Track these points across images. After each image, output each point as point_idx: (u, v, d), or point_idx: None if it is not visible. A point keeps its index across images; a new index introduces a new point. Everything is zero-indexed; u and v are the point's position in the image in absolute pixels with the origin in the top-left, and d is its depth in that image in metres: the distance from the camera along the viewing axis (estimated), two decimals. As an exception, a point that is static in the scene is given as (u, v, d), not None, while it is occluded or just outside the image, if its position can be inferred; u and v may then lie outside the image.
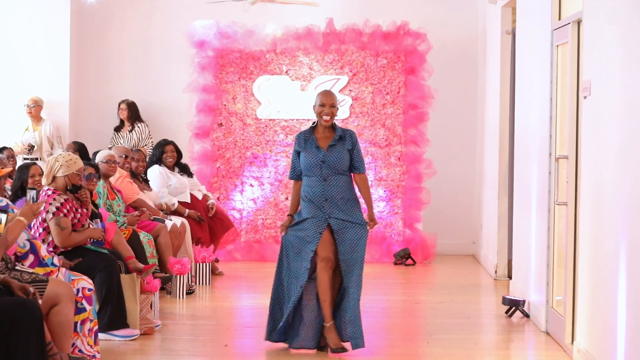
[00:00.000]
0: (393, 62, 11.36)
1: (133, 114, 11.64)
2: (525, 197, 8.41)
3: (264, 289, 9.34)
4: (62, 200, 6.90)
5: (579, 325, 6.49)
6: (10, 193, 7.39)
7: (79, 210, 7.04)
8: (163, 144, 10.05)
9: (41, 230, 6.90)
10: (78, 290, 5.89)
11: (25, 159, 10.51)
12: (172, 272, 8.48)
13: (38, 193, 5.75)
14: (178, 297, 8.58)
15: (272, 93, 11.40)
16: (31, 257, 5.91)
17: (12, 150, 9.69)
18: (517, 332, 7.61)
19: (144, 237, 8.28)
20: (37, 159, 10.75)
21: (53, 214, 6.86)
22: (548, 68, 7.49)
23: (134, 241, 7.89)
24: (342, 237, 6.57)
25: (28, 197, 5.68)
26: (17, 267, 5.65)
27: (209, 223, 10.04)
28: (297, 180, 6.75)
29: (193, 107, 11.39)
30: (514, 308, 7.94)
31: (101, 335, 6.49)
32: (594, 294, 6.14)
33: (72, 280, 5.96)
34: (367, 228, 6.64)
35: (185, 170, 10.22)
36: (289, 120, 11.43)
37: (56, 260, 6.07)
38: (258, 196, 11.40)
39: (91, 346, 5.92)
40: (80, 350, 5.86)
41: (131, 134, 11.58)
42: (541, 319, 7.50)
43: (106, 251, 7.11)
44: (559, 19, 7.35)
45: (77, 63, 11.89)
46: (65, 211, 6.90)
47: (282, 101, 11.40)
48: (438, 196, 11.59)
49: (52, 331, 5.44)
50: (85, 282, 5.99)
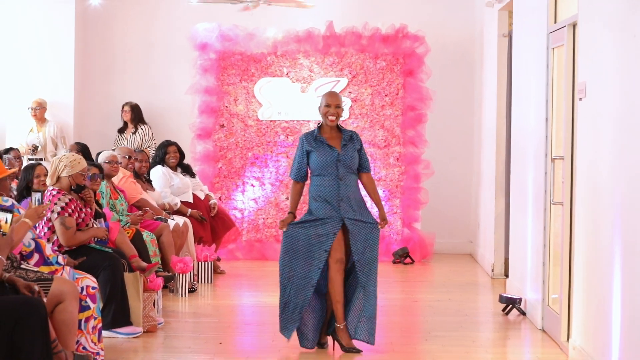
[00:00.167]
0: (392, 65, 11.39)
1: (136, 116, 11.67)
2: (521, 197, 8.42)
3: (265, 287, 9.44)
4: (67, 200, 6.92)
5: (575, 322, 6.50)
6: (15, 193, 7.45)
7: (83, 209, 7.06)
8: (166, 145, 10.07)
9: (46, 229, 6.91)
10: (82, 288, 5.92)
11: (29, 160, 10.54)
12: (175, 271, 8.51)
13: (43, 195, 5.79)
14: (180, 295, 8.60)
15: (273, 95, 11.44)
16: (36, 256, 5.93)
17: (19, 151, 9.76)
18: (514, 330, 7.63)
19: (147, 236, 8.28)
20: (42, 160, 10.78)
21: (58, 214, 6.88)
22: (544, 70, 7.50)
23: (137, 240, 7.91)
24: (357, 237, 6.57)
25: (33, 200, 5.73)
26: (23, 266, 5.68)
27: (211, 222, 10.05)
28: (300, 180, 6.74)
29: (195, 109, 11.39)
30: (511, 306, 7.96)
31: (105, 332, 6.50)
32: (589, 292, 6.16)
33: (77, 278, 5.99)
34: (379, 227, 6.68)
35: (187, 170, 10.22)
36: (290, 121, 11.47)
37: (61, 259, 6.10)
38: (259, 196, 11.44)
39: (95, 343, 5.94)
40: (84, 347, 5.87)
41: (135, 136, 11.62)
42: (537, 317, 7.52)
43: (110, 250, 7.13)
44: (555, 22, 7.37)
45: (82, 65, 11.89)
46: (69, 211, 6.92)
47: (283, 103, 11.43)
48: (436, 196, 11.59)
49: (57, 329, 5.47)
50: (89, 281, 6.02)
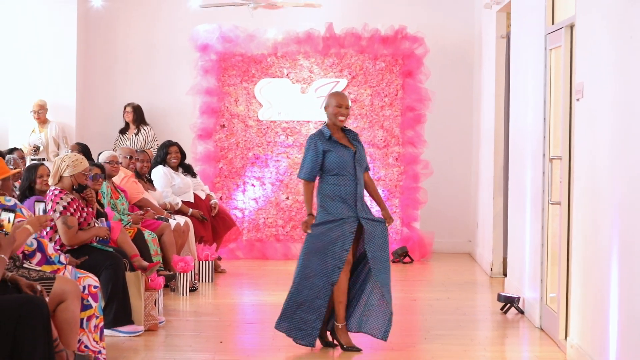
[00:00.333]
0: (391, 65, 11.43)
1: (138, 117, 11.69)
2: (519, 197, 8.43)
3: (266, 286, 9.48)
4: (69, 199, 6.94)
5: (572, 321, 6.52)
6: (18, 193, 7.49)
7: (85, 209, 7.08)
8: (167, 145, 10.09)
9: (48, 229, 6.89)
10: (84, 287, 5.93)
11: (32, 160, 10.59)
12: (176, 270, 8.53)
13: (46, 204, 5.81)
14: (181, 294, 8.63)
15: (273, 95, 11.47)
16: (38, 255, 5.94)
17: (22, 151, 9.79)
18: (512, 328, 7.65)
19: (149, 236, 8.30)
20: (44, 160, 10.80)
21: (60, 213, 6.89)
22: (542, 71, 7.52)
23: (139, 240, 7.91)
24: (372, 236, 6.62)
25: (37, 210, 5.74)
26: (25, 265, 5.69)
27: (212, 222, 10.08)
28: (312, 181, 6.69)
29: (196, 109, 11.41)
30: (509, 305, 7.98)
31: (107, 331, 6.52)
32: (587, 291, 6.17)
33: (79, 277, 5.99)
34: (387, 226, 6.73)
35: (188, 170, 10.24)
36: (290, 121, 11.50)
37: (63, 258, 6.12)
38: (259, 196, 11.47)
39: (97, 342, 5.95)
40: (86, 346, 5.89)
41: (137, 137, 11.66)
42: (535, 316, 7.54)
43: (111, 249, 7.15)
44: (552, 24, 7.38)
45: (83, 66, 11.92)
46: (72, 210, 6.94)
47: (283, 103, 11.47)
48: (435, 196, 11.63)
49: (59, 328, 5.49)
50: (91, 280, 6.02)
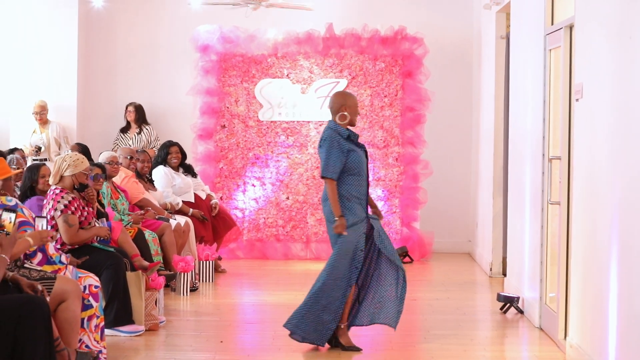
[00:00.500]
0: (391, 66, 11.44)
1: (140, 117, 11.72)
2: (519, 197, 8.44)
3: (266, 286, 9.50)
4: (70, 198, 6.96)
5: (572, 321, 6.53)
6: (19, 193, 7.50)
7: (86, 208, 7.10)
8: (168, 145, 10.12)
9: (49, 228, 6.85)
10: (85, 287, 5.95)
11: (33, 160, 10.62)
12: (177, 270, 8.54)
13: (48, 221, 5.82)
14: (182, 294, 8.64)
15: (274, 96, 11.48)
16: (39, 255, 5.96)
17: (23, 151, 9.81)
18: (512, 328, 7.66)
19: (149, 236, 8.32)
20: (46, 160, 10.82)
21: (61, 212, 6.91)
22: (541, 71, 7.53)
23: (140, 240, 7.92)
24: (379, 233, 6.68)
25: (38, 224, 5.73)
26: (26, 265, 5.71)
27: (212, 222, 10.10)
28: (337, 180, 6.68)
29: (197, 110, 11.43)
30: (509, 304, 8.00)
31: (107, 331, 6.54)
32: (586, 291, 6.19)
33: (79, 277, 6.02)
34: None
35: (189, 170, 10.27)
36: (290, 122, 11.51)
37: (64, 258, 6.13)
38: (260, 196, 11.48)
39: (97, 342, 5.98)
40: (87, 345, 5.91)
41: (140, 136, 11.69)
42: (535, 315, 7.56)
43: (112, 249, 7.17)
44: (552, 24, 7.39)
45: (84, 67, 11.94)
46: (72, 209, 6.95)
47: (283, 104, 11.49)
48: (435, 196, 11.65)
49: (60, 327, 5.51)
50: (92, 280, 6.04)
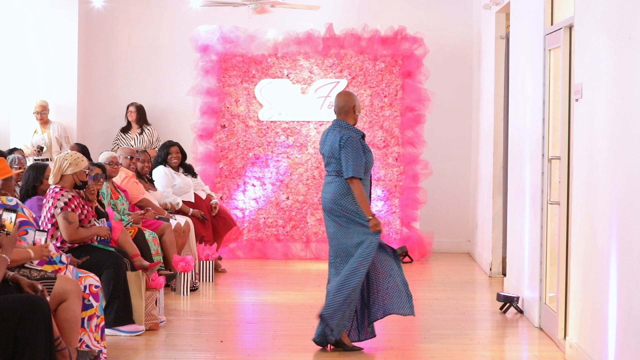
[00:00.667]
0: (391, 66, 11.46)
1: (141, 117, 11.75)
2: (519, 197, 8.45)
3: (266, 286, 9.51)
4: (70, 196, 6.97)
5: (571, 320, 6.55)
6: (20, 192, 7.50)
7: (85, 207, 7.13)
8: (168, 145, 10.13)
9: (49, 225, 6.95)
10: (85, 287, 5.96)
11: (35, 160, 10.62)
12: (177, 270, 8.56)
13: (47, 235, 5.84)
14: (182, 294, 8.65)
15: (274, 96, 11.50)
16: (40, 255, 5.98)
17: (23, 151, 9.82)
18: (511, 328, 7.68)
19: (149, 236, 8.33)
20: (48, 160, 10.85)
21: (61, 209, 6.92)
22: (541, 72, 7.54)
23: (140, 239, 7.94)
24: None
25: (40, 238, 5.73)
26: (26, 265, 5.68)
27: (212, 222, 10.12)
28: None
29: (197, 110, 11.45)
30: (508, 304, 8.01)
31: (108, 330, 6.56)
32: (586, 291, 6.20)
33: (80, 277, 6.03)
34: None
35: (189, 170, 10.28)
36: (290, 122, 11.52)
37: (64, 257, 6.15)
38: (260, 196, 11.49)
39: (98, 341, 5.99)
40: (87, 345, 5.92)
41: (142, 136, 11.71)
42: (534, 315, 7.57)
43: (113, 249, 7.18)
44: (551, 24, 7.40)
45: (85, 67, 11.95)
46: (72, 207, 6.97)
47: (283, 104, 11.49)
48: (434, 196, 11.66)
49: (60, 327, 5.52)
50: (92, 279, 6.05)
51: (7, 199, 5.82)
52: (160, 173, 9.99)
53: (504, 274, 9.59)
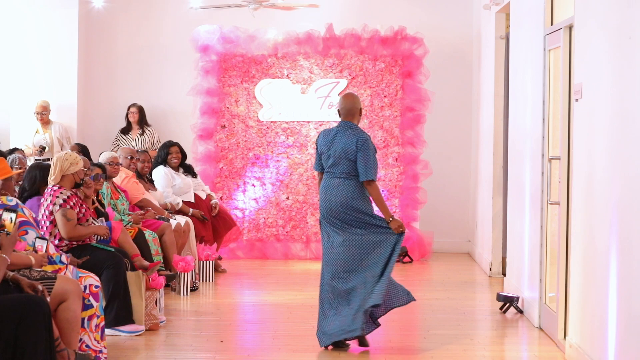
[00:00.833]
0: (391, 66, 11.46)
1: (142, 118, 11.76)
2: (518, 197, 8.46)
3: (266, 286, 9.51)
4: (68, 194, 6.98)
5: (571, 320, 6.55)
6: (27, 189, 7.48)
7: (84, 205, 7.14)
8: (168, 146, 10.14)
9: (48, 223, 6.96)
10: (85, 287, 5.96)
11: (36, 160, 10.62)
12: (177, 270, 8.56)
13: (48, 244, 5.86)
14: (182, 294, 8.66)
15: (274, 96, 11.51)
16: (40, 255, 5.96)
17: (23, 151, 9.83)
18: (511, 328, 7.68)
19: (149, 236, 8.33)
20: (49, 160, 10.85)
21: (60, 206, 6.93)
22: (541, 72, 7.55)
23: (140, 239, 7.94)
24: None
25: (40, 245, 5.73)
26: (27, 265, 5.71)
27: (212, 222, 10.12)
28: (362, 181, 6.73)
29: (197, 110, 11.45)
30: (508, 304, 8.01)
31: (108, 330, 6.56)
32: (586, 291, 6.20)
33: (80, 277, 6.03)
34: None
35: (189, 170, 10.28)
36: (290, 122, 11.53)
37: (64, 257, 6.15)
38: (260, 196, 11.50)
39: (98, 341, 5.99)
40: (87, 345, 5.92)
41: (143, 137, 11.73)
42: (534, 315, 7.57)
43: (113, 249, 7.17)
44: (551, 24, 7.41)
45: (85, 68, 11.96)
46: (71, 204, 6.97)
47: (283, 104, 11.50)
48: (434, 196, 11.67)
49: (60, 327, 5.52)
50: (92, 279, 6.05)
51: (7, 199, 5.83)
52: (160, 173, 9.99)
53: (504, 274, 9.59)
